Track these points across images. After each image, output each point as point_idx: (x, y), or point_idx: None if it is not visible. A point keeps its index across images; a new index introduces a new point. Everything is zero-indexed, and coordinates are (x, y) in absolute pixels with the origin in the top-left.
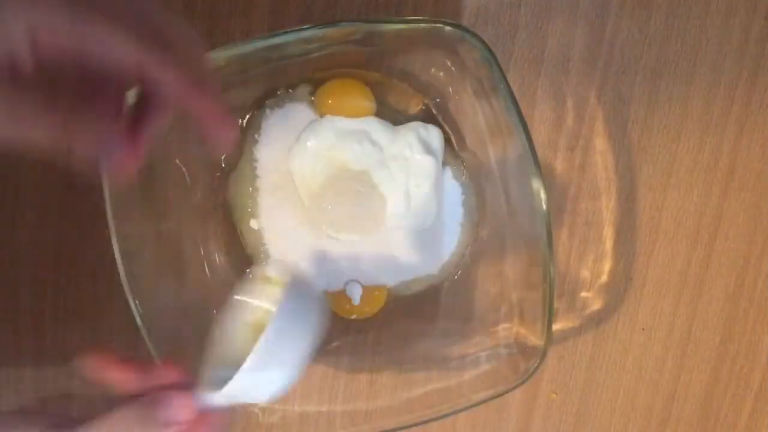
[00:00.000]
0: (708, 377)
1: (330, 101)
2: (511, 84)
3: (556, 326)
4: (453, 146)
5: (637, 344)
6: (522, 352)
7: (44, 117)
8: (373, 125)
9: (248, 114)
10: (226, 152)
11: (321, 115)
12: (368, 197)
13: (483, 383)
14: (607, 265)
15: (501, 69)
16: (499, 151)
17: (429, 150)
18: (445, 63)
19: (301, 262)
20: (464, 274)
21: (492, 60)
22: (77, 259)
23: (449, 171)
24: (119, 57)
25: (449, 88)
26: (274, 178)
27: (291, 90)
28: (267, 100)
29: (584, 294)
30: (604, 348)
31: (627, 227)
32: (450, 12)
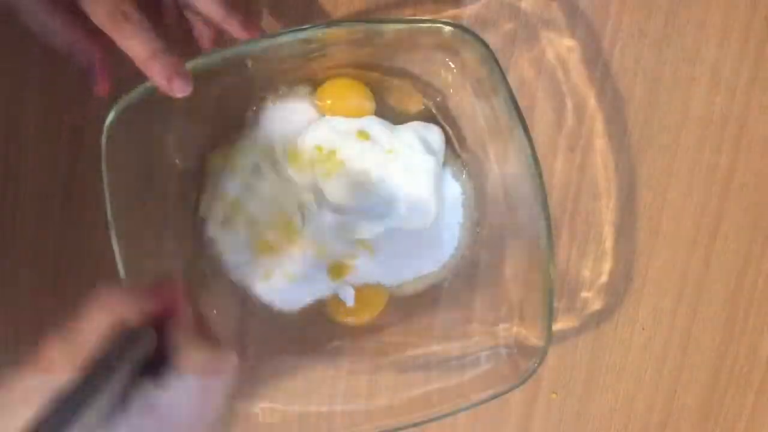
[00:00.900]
0: (708, 377)
1: (330, 101)
2: (511, 84)
3: (556, 326)
4: (453, 146)
5: (637, 344)
6: (522, 352)
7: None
8: (373, 125)
9: (248, 113)
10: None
11: (321, 115)
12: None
13: (483, 383)
14: (607, 265)
15: (501, 69)
16: (499, 151)
17: (429, 150)
18: (446, 63)
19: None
20: (464, 274)
21: (492, 60)
22: (77, 260)
23: (449, 171)
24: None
25: (449, 88)
26: (272, 178)
27: (291, 89)
28: (267, 99)
29: (584, 294)
30: (604, 348)
31: (627, 227)
32: (450, 12)
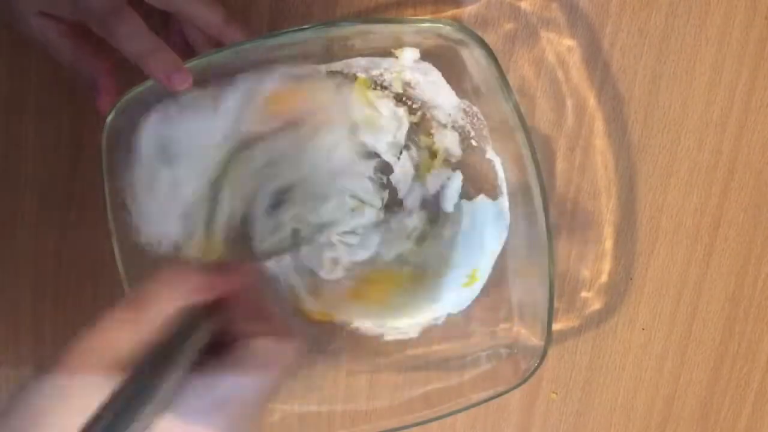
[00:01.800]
0: (708, 377)
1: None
2: (511, 84)
3: (556, 326)
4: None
5: (637, 344)
6: (522, 352)
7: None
8: None
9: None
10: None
11: None
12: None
13: (483, 383)
14: (607, 265)
15: (501, 69)
16: (499, 151)
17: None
18: (446, 63)
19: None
20: None
21: (492, 60)
22: (77, 260)
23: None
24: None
25: None
26: None
27: None
28: None
29: (584, 294)
30: (604, 348)
31: (627, 227)
32: (450, 12)
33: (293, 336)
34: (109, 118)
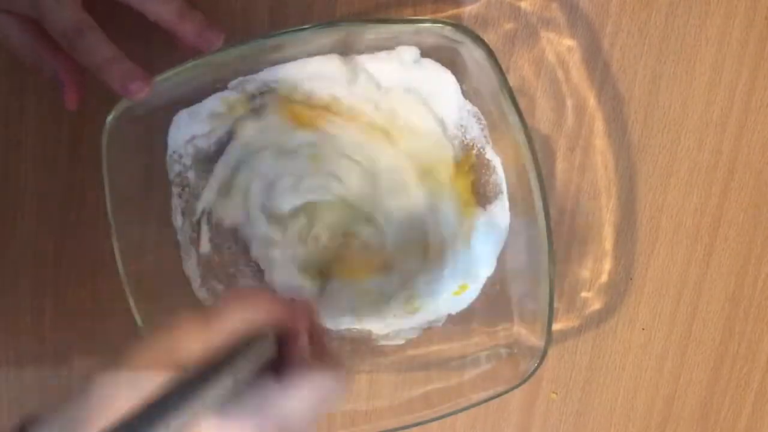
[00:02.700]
0: (708, 377)
1: None
2: (511, 84)
3: (556, 326)
4: None
5: (637, 344)
6: (522, 352)
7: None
8: None
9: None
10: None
11: None
12: None
13: (483, 383)
14: (607, 265)
15: (501, 69)
16: (499, 151)
17: None
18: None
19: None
20: None
21: (492, 60)
22: (77, 260)
23: None
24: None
25: None
26: None
27: None
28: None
29: (584, 294)
30: (604, 348)
31: (627, 227)
32: (450, 12)
33: (342, 370)
34: (109, 119)
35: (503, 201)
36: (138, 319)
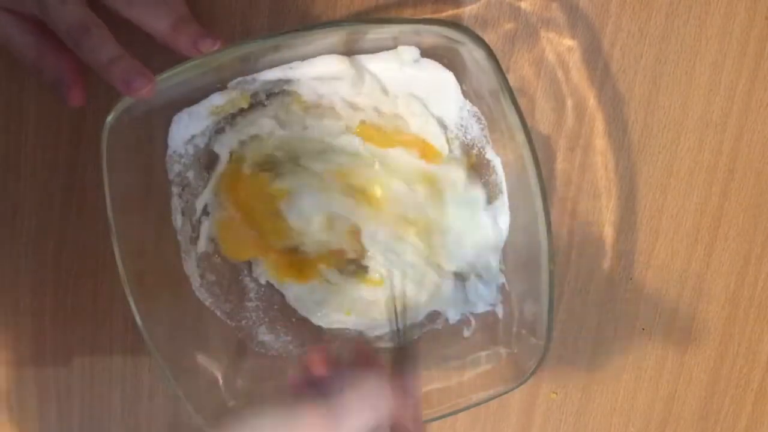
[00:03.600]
0: (708, 377)
1: None
2: (511, 84)
3: (556, 326)
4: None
5: (637, 344)
6: (522, 352)
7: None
8: None
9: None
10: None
11: None
12: None
13: (483, 383)
14: (607, 265)
15: (501, 69)
16: (500, 151)
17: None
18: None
19: None
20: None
21: (492, 60)
22: (77, 260)
23: None
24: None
25: None
26: None
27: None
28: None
29: (584, 294)
30: (604, 348)
31: (627, 227)
32: (450, 12)
33: None
34: (109, 119)
35: (503, 201)
36: (138, 319)
